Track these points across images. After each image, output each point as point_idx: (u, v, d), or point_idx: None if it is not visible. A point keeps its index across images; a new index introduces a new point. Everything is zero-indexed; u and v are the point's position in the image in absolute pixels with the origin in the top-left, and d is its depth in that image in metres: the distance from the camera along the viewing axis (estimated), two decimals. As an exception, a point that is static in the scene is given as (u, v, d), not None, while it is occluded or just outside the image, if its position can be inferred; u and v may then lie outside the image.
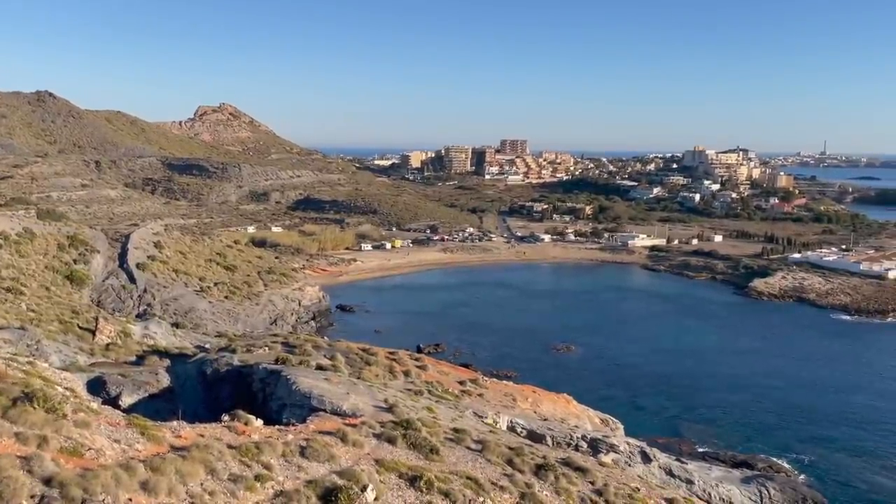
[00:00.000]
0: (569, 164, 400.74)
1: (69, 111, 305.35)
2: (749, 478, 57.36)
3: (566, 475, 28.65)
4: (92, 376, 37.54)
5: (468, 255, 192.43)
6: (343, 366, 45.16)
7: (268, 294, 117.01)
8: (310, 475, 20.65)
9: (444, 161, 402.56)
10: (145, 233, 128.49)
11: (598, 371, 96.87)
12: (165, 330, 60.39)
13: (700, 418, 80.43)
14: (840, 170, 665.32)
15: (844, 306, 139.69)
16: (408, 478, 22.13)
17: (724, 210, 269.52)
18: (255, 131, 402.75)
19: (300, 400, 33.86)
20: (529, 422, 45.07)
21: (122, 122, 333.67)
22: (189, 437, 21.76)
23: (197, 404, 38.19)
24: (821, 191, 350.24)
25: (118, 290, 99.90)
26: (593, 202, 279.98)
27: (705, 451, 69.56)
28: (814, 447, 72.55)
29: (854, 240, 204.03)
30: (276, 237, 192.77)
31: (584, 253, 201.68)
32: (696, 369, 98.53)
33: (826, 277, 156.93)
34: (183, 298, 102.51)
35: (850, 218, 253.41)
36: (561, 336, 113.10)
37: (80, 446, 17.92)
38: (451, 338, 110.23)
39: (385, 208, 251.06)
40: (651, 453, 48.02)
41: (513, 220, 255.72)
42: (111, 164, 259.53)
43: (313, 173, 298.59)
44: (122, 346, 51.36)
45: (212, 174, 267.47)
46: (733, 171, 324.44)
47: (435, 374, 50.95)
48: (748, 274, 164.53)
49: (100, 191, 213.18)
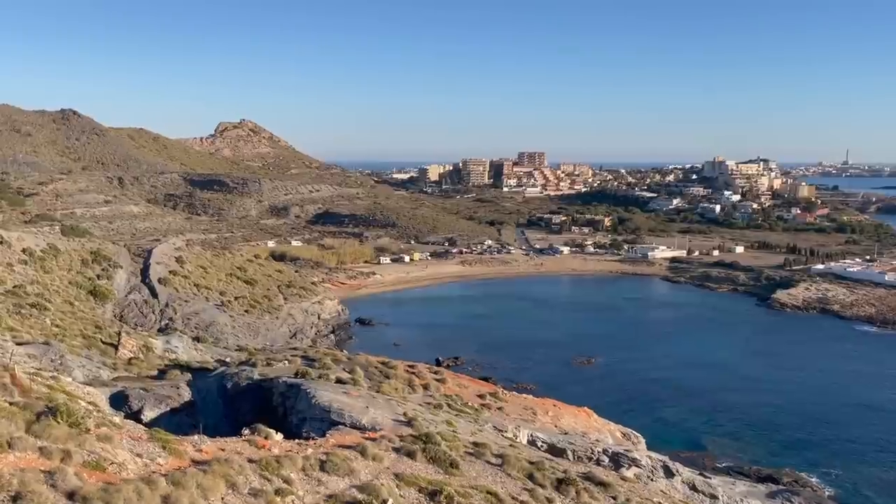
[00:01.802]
0: (587, 176, 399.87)
1: (93, 129, 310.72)
2: (774, 493, 56.48)
3: (588, 490, 28.38)
4: (114, 391, 37.83)
5: (487, 268, 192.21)
6: (362, 379, 45.12)
7: (287, 308, 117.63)
8: (330, 489, 20.65)
9: (461, 174, 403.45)
10: (167, 248, 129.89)
11: (619, 384, 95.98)
12: (187, 344, 60.88)
13: (724, 432, 79.34)
14: (863, 179, 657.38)
15: (869, 317, 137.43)
16: (427, 492, 22.04)
17: (746, 221, 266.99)
18: (275, 146, 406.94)
19: (320, 414, 33.87)
20: (550, 436, 44.71)
21: (144, 139, 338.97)
22: (210, 451, 21.86)
23: (218, 418, 38.35)
24: (843, 201, 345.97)
25: (140, 304, 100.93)
26: (612, 214, 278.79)
27: (729, 466, 68.57)
28: (840, 461, 71.23)
29: (878, 250, 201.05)
30: (295, 251, 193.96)
31: (604, 265, 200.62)
32: (719, 382, 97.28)
33: (850, 288, 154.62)
34: (204, 313, 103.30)
35: (873, 228, 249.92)
36: (581, 349, 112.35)
37: (102, 460, 18.06)
38: (471, 351, 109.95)
39: (403, 221, 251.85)
40: (674, 468, 47.36)
41: (531, 233, 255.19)
42: (134, 181, 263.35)
43: (332, 187, 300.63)
44: (144, 360, 51.85)
45: (232, 189, 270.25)
46: (754, 181, 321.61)
47: (454, 388, 50.75)
48: (770, 285, 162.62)
49: (123, 207, 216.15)
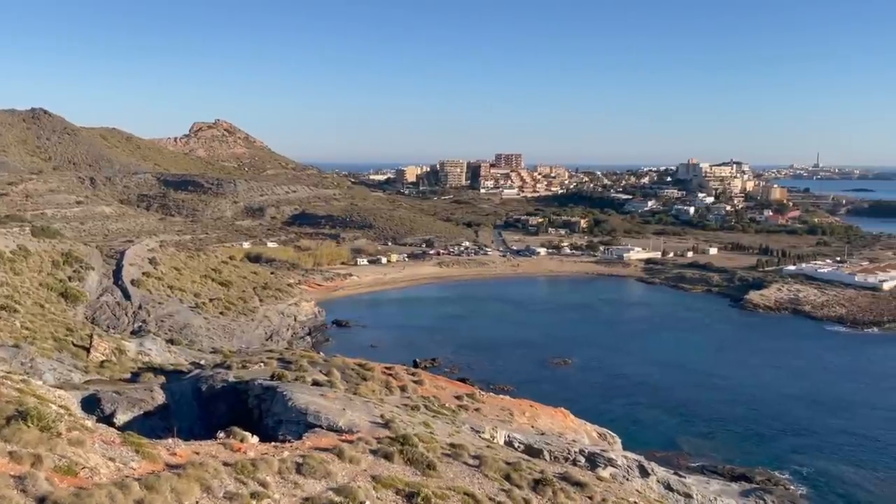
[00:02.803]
0: (563, 178, 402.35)
1: (64, 128, 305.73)
2: (748, 491, 57.29)
3: (564, 490, 28.54)
4: (86, 394, 37.34)
5: (464, 269, 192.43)
6: (339, 381, 44.94)
7: (263, 310, 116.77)
8: (306, 492, 20.53)
9: (439, 175, 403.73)
10: (140, 249, 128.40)
11: (595, 384, 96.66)
12: (160, 346, 60.19)
13: (698, 431, 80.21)
14: (833, 182, 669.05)
15: (840, 318, 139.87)
16: (405, 494, 22.01)
17: (719, 222, 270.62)
18: (251, 147, 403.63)
19: (296, 416, 33.69)
20: (527, 436, 44.89)
21: (117, 139, 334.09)
22: (184, 454, 21.63)
23: (192, 421, 37.98)
24: (814, 203, 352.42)
25: (113, 306, 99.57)
26: (588, 215, 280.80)
27: (703, 465, 69.31)
28: (812, 459, 72.38)
29: (848, 251, 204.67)
30: (271, 252, 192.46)
31: (580, 266, 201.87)
32: (693, 382, 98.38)
33: (821, 289, 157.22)
34: (178, 315, 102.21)
35: (844, 230, 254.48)
36: (558, 349, 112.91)
37: (74, 465, 17.79)
38: (448, 352, 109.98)
39: (381, 223, 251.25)
40: (649, 467, 47.80)
41: (508, 234, 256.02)
42: (106, 181, 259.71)
43: (308, 188, 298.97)
44: (116, 363, 51.17)
45: (207, 190, 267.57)
46: (727, 183, 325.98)
47: (431, 389, 50.76)
48: (743, 286, 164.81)
49: (95, 207, 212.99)
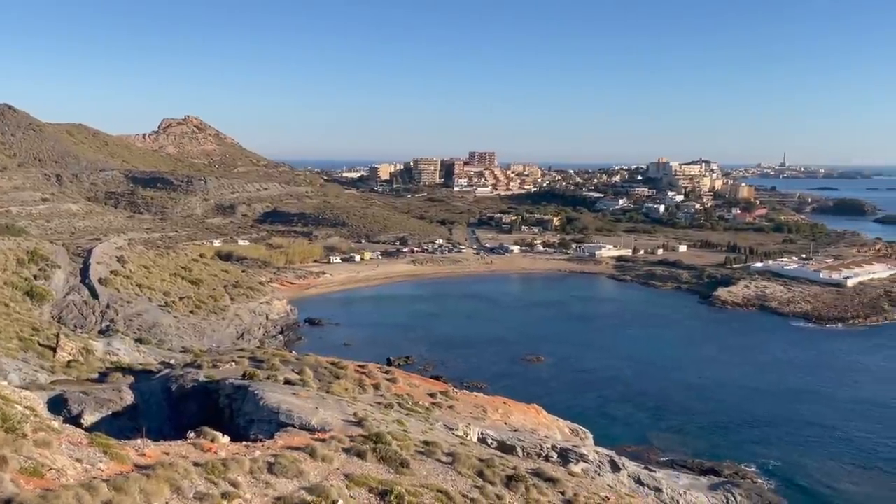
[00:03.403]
0: (536, 176, 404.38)
1: (29, 124, 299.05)
2: (716, 485, 58.20)
3: (537, 486, 28.73)
4: (53, 394, 36.66)
5: (438, 267, 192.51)
6: (312, 380, 44.71)
7: (234, 308, 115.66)
8: (278, 491, 20.41)
9: (413, 173, 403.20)
10: (108, 247, 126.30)
11: (567, 381, 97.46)
12: (129, 346, 59.33)
13: (667, 426, 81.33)
14: (799, 181, 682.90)
15: (805, 314, 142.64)
16: (378, 492, 21.98)
17: (688, 220, 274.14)
18: (221, 144, 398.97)
19: (268, 415, 33.43)
20: (500, 433, 45.11)
21: (83, 135, 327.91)
22: (153, 455, 21.37)
23: (162, 422, 37.49)
24: (781, 201, 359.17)
25: (80, 305, 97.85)
26: (561, 213, 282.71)
27: (673, 459, 70.33)
28: (778, 453, 73.82)
29: (813, 249, 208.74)
30: (242, 250, 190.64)
31: (553, 264, 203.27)
32: (663, 377, 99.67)
33: (787, 286, 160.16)
34: (147, 314, 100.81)
35: (809, 228, 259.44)
36: (530, 346, 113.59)
37: (40, 466, 17.48)
38: (422, 350, 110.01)
39: (354, 220, 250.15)
40: (620, 462, 48.36)
41: (482, 232, 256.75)
42: (73, 178, 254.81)
43: (280, 186, 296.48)
44: (83, 363, 50.31)
45: (177, 187, 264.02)
46: (696, 182, 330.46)
47: (405, 387, 50.74)
48: (712, 283, 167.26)
49: (61, 205, 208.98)
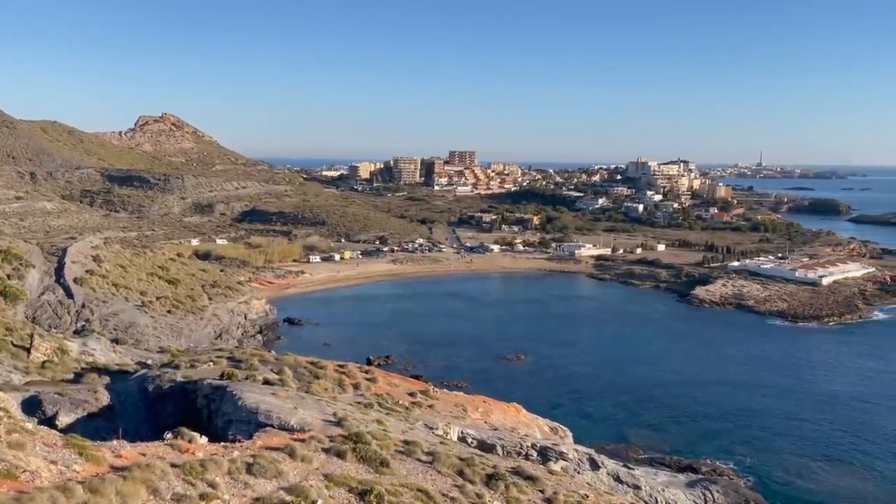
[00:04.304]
0: (517, 175, 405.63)
1: (2, 121, 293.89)
2: (694, 482, 58.72)
3: (516, 484, 28.85)
4: (27, 395, 36.09)
5: (418, 266, 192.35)
6: (291, 380, 44.46)
7: (212, 308, 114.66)
8: (257, 492, 20.28)
9: (393, 172, 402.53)
10: (83, 246, 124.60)
11: (547, 379, 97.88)
12: (105, 346, 58.51)
13: (646, 424, 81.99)
14: (775, 181, 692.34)
15: (781, 312, 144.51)
16: (358, 492, 21.93)
17: (667, 220, 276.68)
18: (199, 142, 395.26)
19: (246, 415, 33.19)
20: (480, 432, 45.20)
21: (58, 133, 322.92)
22: (130, 456, 21.13)
23: (139, 423, 37.07)
24: (758, 201, 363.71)
25: (55, 305, 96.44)
26: (541, 213, 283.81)
27: (651, 457, 70.91)
28: (754, 449, 74.74)
29: (789, 248, 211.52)
30: (221, 250, 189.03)
31: (533, 263, 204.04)
32: (642, 376, 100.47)
33: (764, 284, 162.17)
34: (123, 313, 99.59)
35: (785, 227, 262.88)
36: (510, 345, 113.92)
37: (14, 468, 17.22)
38: (402, 349, 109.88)
39: (334, 220, 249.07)
40: (599, 460, 48.70)
41: (462, 231, 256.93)
42: (47, 176, 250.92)
43: (259, 184, 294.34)
44: (58, 363, 49.52)
45: (154, 186, 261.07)
46: (675, 181, 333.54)
47: (385, 387, 50.66)
48: (690, 282, 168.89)
49: (35, 203, 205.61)
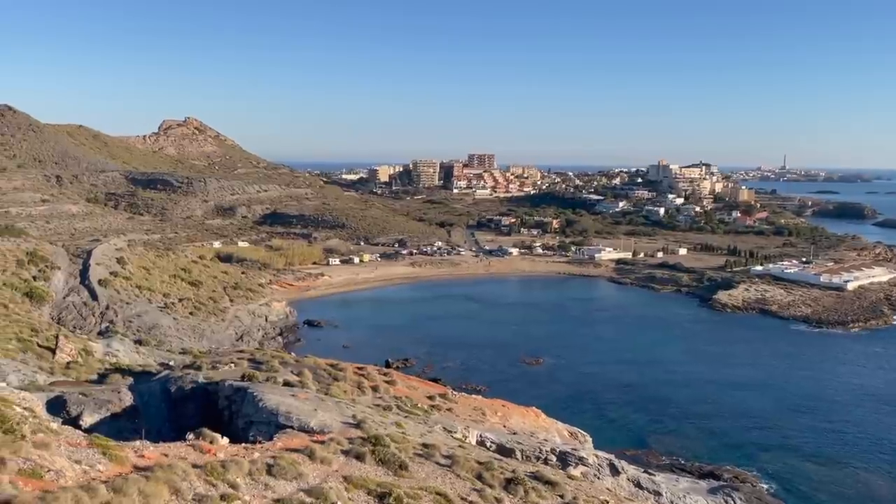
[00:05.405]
0: (536, 179, 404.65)
1: (29, 125, 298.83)
2: (715, 488, 58.09)
3: (536, 489, 28.71)
4: (52, 396, 36.63)
5: (437, 269, 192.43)
6: (311, 382, 44.69)
7: (234, 310, 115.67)
8: (277, 493, 20.39)
9: (412, 175, 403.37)
10: (108, 248, 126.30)
11: (566, 384, 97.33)
12: (128, 347, 59.27)
13: (667, 429, 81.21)
14: (799, 184, 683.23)
15: (805, 317, 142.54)
16: (377, 494, 21.96)
17: (688, 223, 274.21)
18: (221, 145, 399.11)
19: (267, 417, 33.41)
20: (499, 436, 45.07)
21: (84, 137, 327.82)
22: (152, 456, 21.34)
23: (161, 423, 37.48)
24: (781, 204, 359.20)
25: (79, 307, 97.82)
26: (560, 216, 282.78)
27: (672, 463, 70.22)
28: (778, 457, 73.72)
29: (814, 252, 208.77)
30: (242, 252, 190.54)
31: (552, 266, 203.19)
32: (663, 381, 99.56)
33: (787, 289, 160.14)
34: (146, 315, 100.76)
35: (809, 231, 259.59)
36: (530, 349, 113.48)
37: (39, 468, 17.46)
38: (420, 352, 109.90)
39: (353, 222, 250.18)
40: (619, 466, 48.31)
41: (481, 234, 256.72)
42: (73, 179, 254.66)
43: (280, 188, 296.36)
44: (83, 364, 50.27)
45: (177, 189, 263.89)
46: (696, 185, 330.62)
47: (404, 389, 50.72)
48: (712, 286, 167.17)
49: (61, 206, 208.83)
